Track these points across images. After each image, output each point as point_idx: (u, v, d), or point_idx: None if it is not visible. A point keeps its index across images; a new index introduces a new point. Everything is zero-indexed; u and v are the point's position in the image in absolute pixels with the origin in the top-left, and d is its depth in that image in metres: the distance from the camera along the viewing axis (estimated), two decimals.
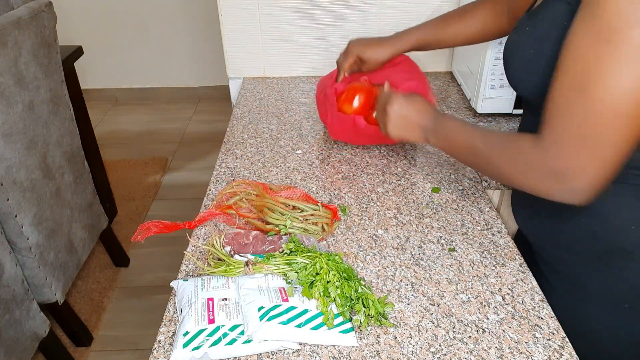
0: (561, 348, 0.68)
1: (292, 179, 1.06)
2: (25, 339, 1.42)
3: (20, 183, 1.38)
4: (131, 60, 3.59)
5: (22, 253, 1.43)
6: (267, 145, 1.19)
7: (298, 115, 1.33)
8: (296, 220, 0.87)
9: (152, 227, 0.86)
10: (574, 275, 0.80)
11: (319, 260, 0.74)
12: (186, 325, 0.68)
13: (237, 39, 1.51)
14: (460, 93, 1.44)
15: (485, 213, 0.94)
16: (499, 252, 0.85)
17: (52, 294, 1.56)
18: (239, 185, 0.98)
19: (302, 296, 0.72)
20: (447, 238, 0.88)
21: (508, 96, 1.24)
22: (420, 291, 0.78)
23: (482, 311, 0.74)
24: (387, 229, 0.91)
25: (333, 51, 1.54)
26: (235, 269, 0.76)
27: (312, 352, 0.68)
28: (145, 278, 2.14)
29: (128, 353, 1.81)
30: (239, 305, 0.71)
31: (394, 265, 0.82)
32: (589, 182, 0.62)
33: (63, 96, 1.64)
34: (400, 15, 1.48)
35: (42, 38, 1.49)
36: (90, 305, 1.99)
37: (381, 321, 0.71)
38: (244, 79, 1.57)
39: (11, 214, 1.36)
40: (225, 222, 0.92)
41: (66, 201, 1.64)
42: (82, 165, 1.77)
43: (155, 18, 3.42)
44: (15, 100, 1.35)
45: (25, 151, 1.40)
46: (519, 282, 0.79)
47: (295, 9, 1.46)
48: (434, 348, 0.68)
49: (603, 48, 0.56)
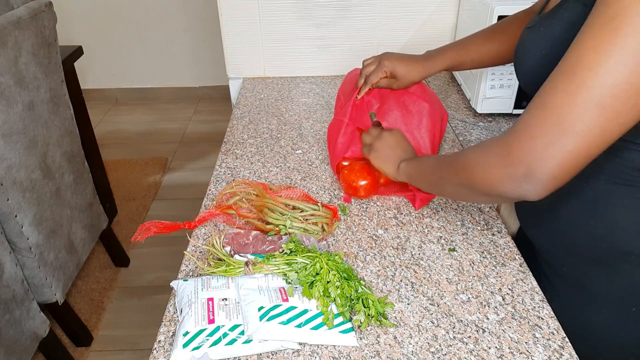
0: (561, 348, 0.68)
1: (292, 179, 1.06)
2: (25, 339, 1.42)
3: (20, 183, 1.38)
4: (131, 60, 3.59)
5: (22, 253, 1.43)
6: (267, 145, 1.19)
7: (298, 115, 1.33)
8: (296, 220, 0.87)
9: (152, 227, 0.86)
10: (577, 278, 0.80)
11: (319, 260, 0.74)
12: (186, 325, 0.68)
13: (237, 39, 1.51)
14: (460, 93, 1.44)
15: (485, 213, 0.94)
16: (499, 252, 0.85)
17: (52, 294, 1.56)
18: (239, 185, 0.98)
19: (302, 296, 0.72)
20: (447, 238, 0.88)
21: (508, 96, 1.24)
22: (420, 291, 0.78)
23: (482, 311, 0.74)
24: (387, 229, 0.91)
25: (333, 51, 1.54)
26: (235, 269, 0.76)
27: (312, 352, 0.68)
28: (145, 278, 2.14)
29: (128, 353, 1.81)
30: (239, 305, 0.71)
31: (394, 265, 0.82)
32: (551, 173, 0.59)
33: (63, 96, 1.64)
34: (400, 16, 1.48)
35: (42, 38, 1.49)
36: (90, 305, 1.99)
37: (381, 321, 0.71)
38: (244, 79, 1.57)
39: (11, 214, 1.36)
40: (225, 222, 0.92)
41: (66, 201, 1.63)
42: (82, 165, 1.77)
43: (155, 18, 3.42)
44: (15, 100, 1.35)
45: (25, 151, 1.40)
46: (519, 282, 0.79)
47: (295, 9, 1.46)
48: (434, 348, 0.68)
49: (605, 35, 0.55)
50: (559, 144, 0.58)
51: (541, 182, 0.60)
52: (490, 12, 1.15)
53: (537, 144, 0.59)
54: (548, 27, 0.70)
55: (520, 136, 0.61)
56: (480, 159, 0.67)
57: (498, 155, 0.64)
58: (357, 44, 1.53)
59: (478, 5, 1.28)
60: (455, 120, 1.29)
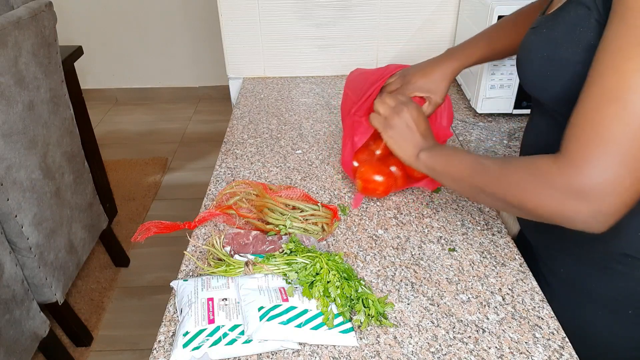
0: (561, 348, 0.68)
1: (292, 179, 1.06)
2: (25, 339, 1.42)
3: (20, 183, 1.38)
4: (131, 60, 3.59)
5: (22, 253, 1.43)
6: (267, 145, 1.19)
7: (298, 115, 1.33)
8: (296, 220, 0.87)
9: (152, 227, 0.86)
10: (576, 279, 0.80)
11: (319, 260, 0.74)
12: (186, 325, 0.68)
13: (237, 39, 1.51)
14: (460, 93, 1.44)
15: (485, 213, 0.94)
16: (499, 252, 0.85)
17: (52, 294, 1.56)
18: (239, 185, 0.98)
19: (302, 296, 0.72)
20: (447, 238, 0.88)
21: (508, 96, 1.24)
22: (420, 291, 0.78)
23: (482, 311, 0.74)
24: (387, 229, 0.91)
25: (333, 51, 1.54)
26: (235, 269, 0.76)
27: (312, 352, 0.68)
28: (145, 278, 2.14)
29: (128, 353, 1.81)
30: (239, 305, 0.71)
31: (394, 265, 0.82)
32: (617, 203, 0.56)
33: (63, 96, 1.64)
34: (400, 16, 1.48)
35: (42, 38, 1.49)
36: (90, 305, 1.99)
37: (381, 321, 0.71)
38: (244, 79, 1.57)
39: (11, 214, 1.36)
40: (225, 222, 0.92)
41: (66, 201, 1.63)
42: (82, 165, 1.77)
43: (155, 18, 3.42)
44: (15, 100, 1.35)
45: (25, 151, 1.40)
46: (519, 282, 0.79)
47: (295, 9, 1.46)
48: (434, 348, 0.68)
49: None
50: (629, 180, 0.55)
51: (608, 216, 0.58)
52: (490, 12, 1.15)
53: (603, 180, 0.56)
54: (550, 28, 0.69)
55: (583, 169, 0.57)
56: (534, 184, 0.63)
57: (558, 186, 0.60)
58: (357, 44, 1.53)
59: (478, 5, 1.28)
60: (455, 120, 1.28)
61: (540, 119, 0.81)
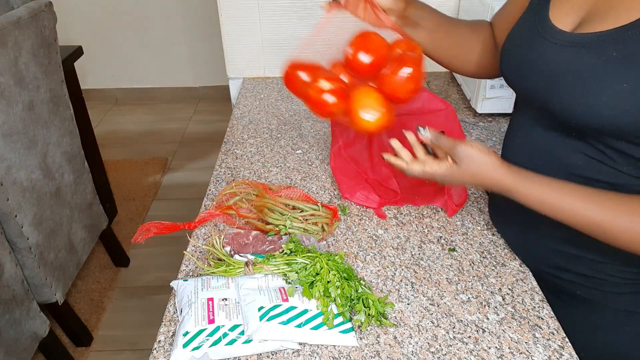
0: (561, 348, 0.68)
1: (292, 179, 1.06)
2: (25, 339, 1.42)
3: (20, 183, 1.38)
4: (131, 60, 3.59)
5: (22, 253, 1.43)
6: (267, 145, 1.19)
7: (298, 115, 1.33)
8: (296, 220, 0.87)
9: (152, 227, 0.86)
10: None
11: (319, 260, 0.74)
12: (186, 325, 0.68)
13: (237, 39, 1.51)
14: (460, 93, 1.44)
15: (485, 213, 0.94)
16: (499, 252, 0.85)
17: (52, 294, 1.56)
18: (239, 185, 0.98)
19: (302, 296, 0.72)
20: (447, 238, 0.88)
21: (508, 96, 1.24)
22: (420, 291, 0.78)
23: (482, 311, 0.74)
24: (387, 229, 0.91)
25: None
26: (235, 269, 0.76)
27: (312, 352, 0.68)
28: (145, 278, 2.14)
29: (128, 353, 1.81)
30: (239, 305, 0.71)
31: (394, 265, 0.82)
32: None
33: (63, 96, 1.64)
34: None
35: (42, 38, 1.49)
36: (90, 305, 1.99)
37: (381, 321, 0.71)
38: (244, 79, 1.57)
39: (11, 214, 1.36)
40: (225, 222, 0.92)
41: (66, 201, 1.63)
42: (82, 165, 1.77)
43: (155, 18, 3.42)
44: (15, 100, 1.35)
45: (25, 151, 1.40)
46: (519, 282, 0.79)
47: (295, 9, 1.46)
48: (434, 348, 0.68)
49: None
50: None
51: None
52: (490, 11, 1.15)
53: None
54: (627, 59, 0.60)
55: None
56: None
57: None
58: None
59: (478, 5, 1.28)
60: None
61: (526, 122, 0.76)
